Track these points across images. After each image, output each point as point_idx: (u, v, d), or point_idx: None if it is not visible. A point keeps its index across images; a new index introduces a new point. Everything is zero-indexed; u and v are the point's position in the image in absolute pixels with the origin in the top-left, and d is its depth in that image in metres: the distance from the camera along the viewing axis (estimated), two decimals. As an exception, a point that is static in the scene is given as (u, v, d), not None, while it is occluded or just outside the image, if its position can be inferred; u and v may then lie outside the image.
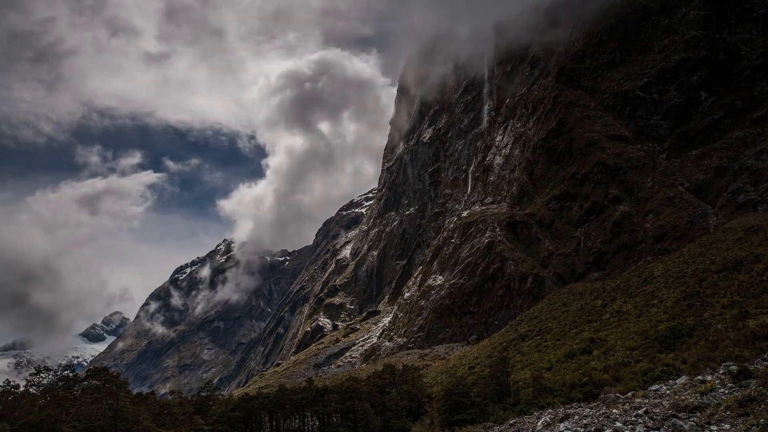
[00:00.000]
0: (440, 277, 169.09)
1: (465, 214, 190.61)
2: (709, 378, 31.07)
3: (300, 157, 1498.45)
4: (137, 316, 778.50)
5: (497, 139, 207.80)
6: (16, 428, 48.68)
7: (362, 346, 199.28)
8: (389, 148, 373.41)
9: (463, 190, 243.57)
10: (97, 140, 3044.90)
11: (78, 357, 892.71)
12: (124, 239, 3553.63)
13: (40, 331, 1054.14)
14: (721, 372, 31.71)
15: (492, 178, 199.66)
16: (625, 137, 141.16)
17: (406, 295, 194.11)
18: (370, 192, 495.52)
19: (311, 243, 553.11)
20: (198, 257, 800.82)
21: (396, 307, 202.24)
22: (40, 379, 61.55)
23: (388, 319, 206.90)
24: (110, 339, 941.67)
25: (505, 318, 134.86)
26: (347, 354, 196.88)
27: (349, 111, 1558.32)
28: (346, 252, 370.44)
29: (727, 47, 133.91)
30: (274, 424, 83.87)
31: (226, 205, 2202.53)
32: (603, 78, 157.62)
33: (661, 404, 27.47)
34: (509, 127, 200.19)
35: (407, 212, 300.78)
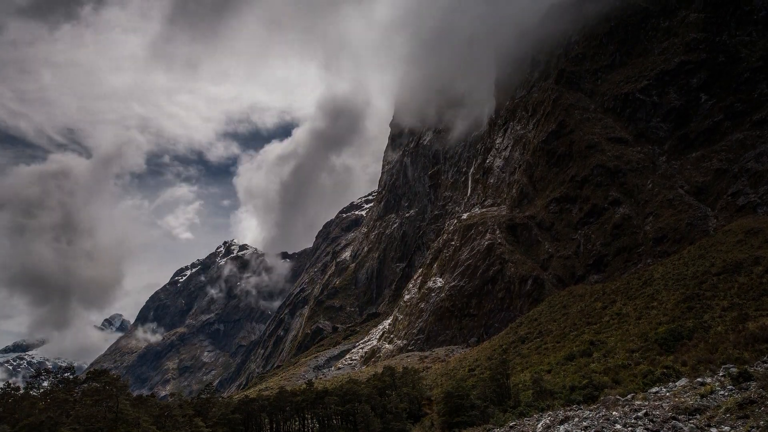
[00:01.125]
0: (440, 280, 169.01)
1: (465, 216, 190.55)
2: (708, 380, 31.08)
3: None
4: (137, 318, 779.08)
5: (497, 141, 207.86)
6: (17, 430, 48.66)
7: (362, 348, 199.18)
8: (389, 151, 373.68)
9: (463, 193, 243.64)
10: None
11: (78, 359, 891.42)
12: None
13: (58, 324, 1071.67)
14: (720, 374, 31.72)
15: (492, 181, 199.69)
16: (625, 139, 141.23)
17: (406, 297, 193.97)
18: (370, 194, 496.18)
19: (311, 245, 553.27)
20: (198, 259, 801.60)
21: (396, 310, 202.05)
22: (40, 381, 61.52)
23: (388, 321, 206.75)
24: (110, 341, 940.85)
25: (505, 320, 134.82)
26: (347, 356, 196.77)
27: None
28: (346, 254, 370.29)
29: (726, 50, 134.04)
30: (274, 426, 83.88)
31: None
32: (603, 80, 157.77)
33: (661, 406, 27.50)
34: (509, 130, 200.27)
35: (407, 214, 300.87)
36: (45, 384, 61.55)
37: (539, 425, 32.26)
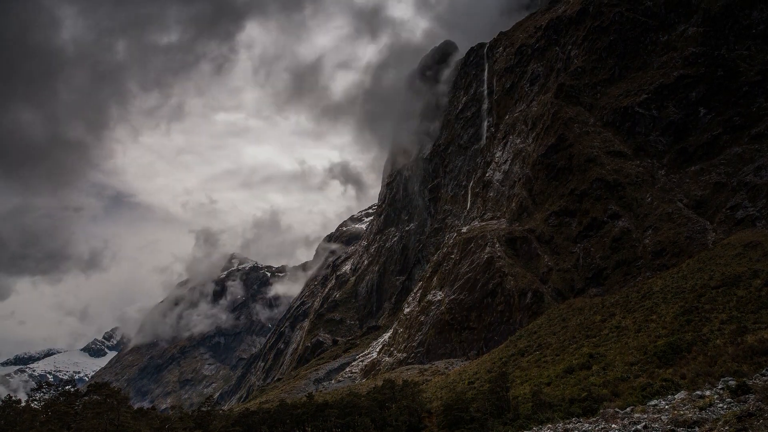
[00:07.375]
0: (440, 293, 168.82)
1: (464, 229, 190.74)
2: (707, 393, 31.31)
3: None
4: (138, 331, 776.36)
5: (497, 155, 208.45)
6: (17, 443, 48.77)
7: (362, 361, 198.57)
8: (389, 164, 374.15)
9: (463, 206, 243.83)
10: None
11: (79, 372, 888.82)
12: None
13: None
14: (719, 387, 31.95)
15: (491, 194, 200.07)
16: (624, 153, 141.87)
17: (406, 310, 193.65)
18: (370, 208, 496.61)
19: (311, 258, 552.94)
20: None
21: (396, 323, 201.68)
22: (42, 394, 61.58)
23: (388, 334, 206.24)
24: (111, 354, 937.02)
25: (504, 333, 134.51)
26: (347, 369, 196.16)
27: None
28: (347, 267, 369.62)
29: (725, 64, 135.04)
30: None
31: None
32: (602, 94, 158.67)
33: (660, 419, 27.72)
34: (509, 143, 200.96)
35: (407, 228, 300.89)
36: (46, 397, 61.67)
37: (539, 438, 32.44)
